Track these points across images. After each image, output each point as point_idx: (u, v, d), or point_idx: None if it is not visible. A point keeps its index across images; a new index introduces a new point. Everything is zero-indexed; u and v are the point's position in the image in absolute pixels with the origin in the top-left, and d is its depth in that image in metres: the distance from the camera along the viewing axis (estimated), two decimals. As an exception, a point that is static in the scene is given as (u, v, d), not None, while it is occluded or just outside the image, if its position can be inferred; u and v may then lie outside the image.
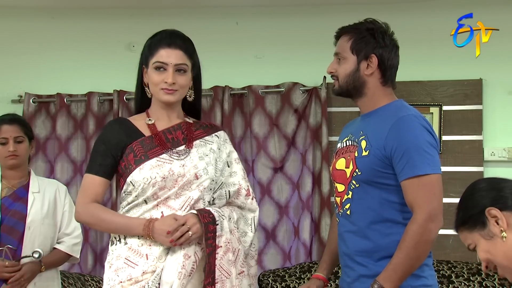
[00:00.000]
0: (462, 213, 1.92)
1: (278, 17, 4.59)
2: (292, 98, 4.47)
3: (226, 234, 2.40)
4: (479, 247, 1.88)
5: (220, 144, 2.55)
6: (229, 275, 2.37)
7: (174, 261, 2.34)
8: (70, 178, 4.58)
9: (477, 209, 1.87)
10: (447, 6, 4.32)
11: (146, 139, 2.45)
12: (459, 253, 4.20)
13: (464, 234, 1.92)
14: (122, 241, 2.41)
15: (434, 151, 2.31)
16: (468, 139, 4.32)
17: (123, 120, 2.58)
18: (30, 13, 4.69)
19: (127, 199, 2.44)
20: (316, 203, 4.41)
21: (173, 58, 2.44)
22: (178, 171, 2.40)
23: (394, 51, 2.44)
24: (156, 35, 2.51)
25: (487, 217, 1.85)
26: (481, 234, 1.87)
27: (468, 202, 1.91)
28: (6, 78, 4.70)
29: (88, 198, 2.44)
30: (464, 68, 4.32)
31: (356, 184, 2.37)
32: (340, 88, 2.46)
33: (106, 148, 2.45)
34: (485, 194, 1.88)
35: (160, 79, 2.43)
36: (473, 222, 1.88)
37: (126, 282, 2.35)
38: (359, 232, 2.37)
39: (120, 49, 4.65)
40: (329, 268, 2.59)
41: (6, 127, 3.29)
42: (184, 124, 2.53)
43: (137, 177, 2.39)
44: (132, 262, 2.36)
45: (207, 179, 2.43)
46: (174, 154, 2.43)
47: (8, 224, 3.21)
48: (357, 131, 2.44)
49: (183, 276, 2.31)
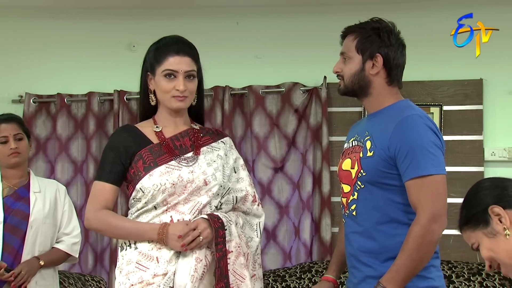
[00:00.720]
0: (465, 211, 1.92)
1: (279, 17, 4.59)
2: (293, 98, 4.47)
3: (235, 238, 2.41)
4: (482, 246, 1.88)
5: (227, 150, 2.56)
6: (244, 279, 2.39)
7: (186, 264, 2.35)
8: (71, 178, 4.58)
9: (481, 207, 1.87)
10: (447, 6, 4.32)
11: (155, 146, 2.46)
12: (460, 253, 4.21)
13: (468, 233, 1.92)
14: (132, 246, 2.42)
15: (439, 151, 2.30)
16: (469, 139, 4.32)
17: (131, 127, 2.58)
18: (31, 13, 4.69)
19: (137, 206, 2.45)
20: (317, 203, 4.41)
21: (183, 65, 2.44)
22: (187, 178, 2.41)
23: (400, 50, 2.42)
24: (161, 42, 2.51)
25: (490, 215, 1.85)
26: (484, 232, 1.87)
27: (472, 201, 1.91)
28: (7, 78, 4.70)
29: (98, 205, 2.45)
30: (464, 68, 4.32)
31: (361, 185, 2.36)
32: (345, 88, 2.45)
33: (115, 155, 2.46)
34: (489, 193, 1.88)
35: (171, 87, 2.44)
36: (477, 220, 1.88)
37: (137, 285, 2.36)
38: (365, 233, 2.36)
39: (121, 49, 4.65)
40: (338, 270, 2.58)
41: (4, 126, 3.30)
42: (191, 131, 2.54)
43: (146, 184, 2.40)
44: (143, 266, 2.37)
45: (216, 185, 2.44)
46: (182, 161, 2.44)
47: (11, 223, 3.22)
48: (363, 131, 2.43)
49: (195, 280, 2.33)
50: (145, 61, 2.52)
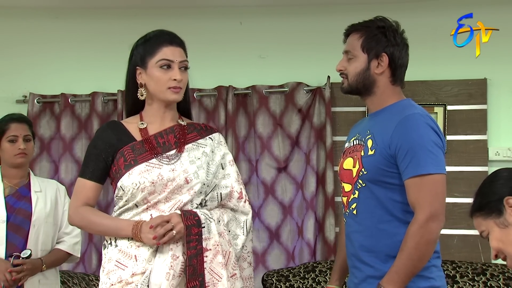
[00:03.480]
0: (480, 198, 1.92)
1: (282, 17, 4.59)
2: (296, 98, 4.47)
3: (214, 237, 2.39)
4: (492, 235, 1.88)
5: (214, 147, 2.53)
6: (221, 278, 2.36)
7: (162, 262, 2.34)
8: (74, 178, 4.58)
9: (496, 196, 1.87)
10: (451, 5, 4.32)
11: (137, 144, 2.45)
12: (464, 253, 4.20)
13: (479, 220, 1.91)
14: (113, 243, 2.42)
15: (439, 150, 2.29)
16: (473, 138, 4.31)
17: (116, 124, 2.56)
18: (34, 14, 4.70)
19: (119, 203, 2.45)
20: (320, 203, 4.41)
21: (177, 56, 2.44)
22: (167, 176, 2.39)
23: (405, 49, 2.42)
24: (149, 35, 2.51)
25: (505, 206, 1.85)
26: (496, 222, 1.86)
27: (488, 189, 1.91)
28: (11, 78, 4.71)
29: (79, 201, 2.45)
30: (468, 68, 4.31)
31: (363, 184, 2.36)
32: (349, 87, 2.44)
33: (98, 152, 2.45)
34: (506, 183, 1.88)
35: (167, 77, 2.42)
36: (490, 209, 1.88)
37: (117, 284, 2.35)
38: (365, 232, 2.36)
39: (124, 49, 4.59)
40: (341, 278, 2.58)
41: (16, 125, 3.32)
42: (177, 127, 2.51)
43: (126, 182, 2.40)
44: (122, 264, 2.37)
45: (197, 183, 2.42)
46: (164, 159, 2.43)
47: (14, 222, 3.24)
48: (364, 130, 2.43)
49: (172, 277, 2.31)
50: (133, 56, 2.52)
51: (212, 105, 4.49)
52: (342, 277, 2.58)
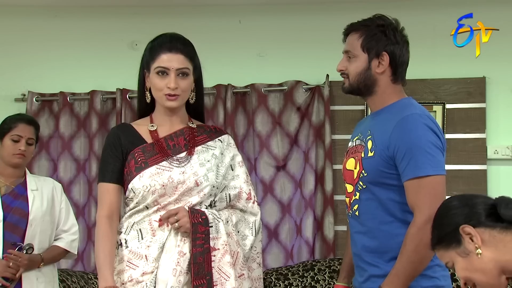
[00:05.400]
0: (437, 231, 1.91)
1: (281, 15, 4.58)
2: (295, 96, 4.47)
3: (223, 236, 2.40)
4: (457, 265, 1.87)
5: (223, 149, 2.54)
6: (229, 277, 2.37)
7: (169, 258, 2.35)
8: (73, 177, 4.59)
9: (451, 227, 1.86)
10: (450, 4, 4.32)
11: (148, 146, 2.46)
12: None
13: (441, 253, 1.91)
14: (124, 244, 2.42)
15: (437, 151, 2.27)
16: (472, 137, 4.31)
17: (126, 126, 2.58)
18: (33, 12, 4.70)
19: (129, 205, 2.45)
20: (319, 202, 4.41)
21: (174, 63, 2.42)
22: (178, 179, 2.40)
23: (405, 47, 2.40)
24: (156, 39, 2.50)
25: (462, 235, 1.83)
26: (457, 252, 1.85)
27: (443, 220, 1.90)
28: (9, 76, 4.70)
29: (103, 210, 2.44)
30: (467, 66, 4.31)
31: (363, 185, 2.35)
32: (350, 87, 2.42)
33: (113, 154, 2.46)
34: (458, 212, 1.86)
35: (163, 84, 2.42)
36: (449, 240, 1.87)
37: (127, 283, 2.37)
38: (368, 233, 2.35)
39: (123, 47, 4.65)
40: (349, 276, 2.58)
41: (23, 126, 3.34)
42: (187, 130, 2.52)
43: (137, 185, 2.41)
44: (133, 264, 2.38)
45: (207, 185, 2.43)
46: (174, 162, 2.43)
47: (11, 222, 3.24)
48: (366, 130, 2.42)
49: (179, 273, 2.32)
50: (143, 59, 2.52)
51: (211, 103, 4.49)
52: (350, 275, 2.57)
